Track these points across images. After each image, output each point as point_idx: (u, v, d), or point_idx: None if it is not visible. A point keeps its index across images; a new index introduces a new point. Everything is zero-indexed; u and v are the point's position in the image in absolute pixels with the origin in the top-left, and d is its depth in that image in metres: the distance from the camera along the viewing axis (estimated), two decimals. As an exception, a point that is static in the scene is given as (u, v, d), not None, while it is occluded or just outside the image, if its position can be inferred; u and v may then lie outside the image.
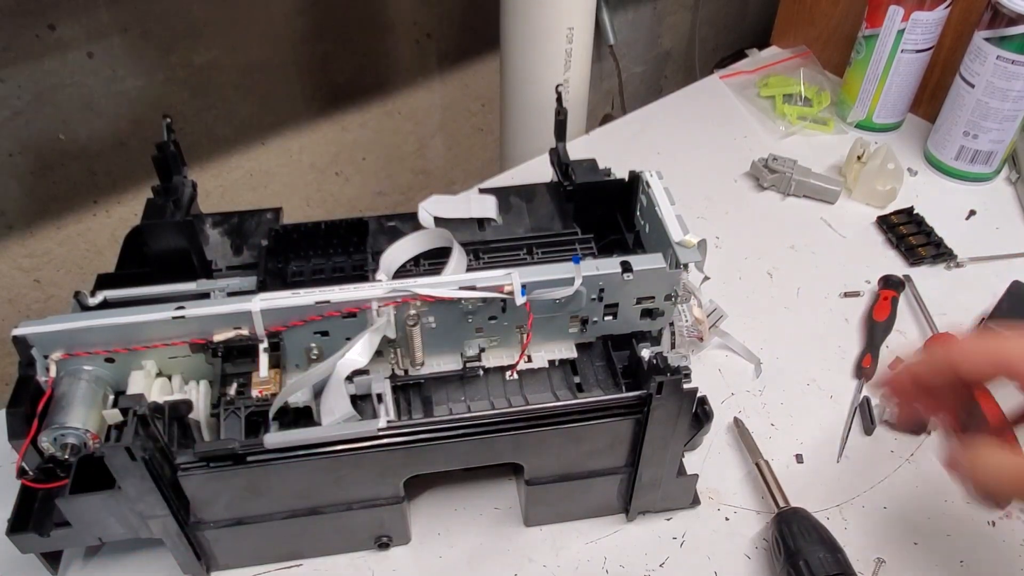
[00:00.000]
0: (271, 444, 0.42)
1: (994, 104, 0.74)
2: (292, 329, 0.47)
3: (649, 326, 0.52)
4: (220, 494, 0.44)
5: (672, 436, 0.46)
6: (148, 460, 0.40)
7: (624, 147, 0.85)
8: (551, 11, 0.80)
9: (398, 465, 0.45)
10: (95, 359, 0.46)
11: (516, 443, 0.46)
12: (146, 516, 0.43)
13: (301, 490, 0.45)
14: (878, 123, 0.86)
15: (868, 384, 0.60)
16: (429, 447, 0.44)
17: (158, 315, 0.45)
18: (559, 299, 0.49)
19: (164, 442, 0.42)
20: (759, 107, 0.90)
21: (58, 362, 0.45)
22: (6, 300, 0.76)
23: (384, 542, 0.49)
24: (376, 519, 0.48)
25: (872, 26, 0.81)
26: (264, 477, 0.43)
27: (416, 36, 0.96)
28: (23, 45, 0.66)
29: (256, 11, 0.79)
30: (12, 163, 0.70)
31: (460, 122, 1.10)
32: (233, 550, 0.48)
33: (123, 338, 0.46)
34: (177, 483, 0.43)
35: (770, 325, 0.65)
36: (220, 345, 0.47)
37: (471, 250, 0.57)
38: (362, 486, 0.46)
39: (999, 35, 0.71)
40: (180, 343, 0.47)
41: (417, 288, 0.47)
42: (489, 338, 0.51)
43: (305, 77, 0.86)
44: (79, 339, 0.45)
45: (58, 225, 0.76)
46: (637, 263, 0.49)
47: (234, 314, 0.46)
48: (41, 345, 0.45)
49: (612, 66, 1.20)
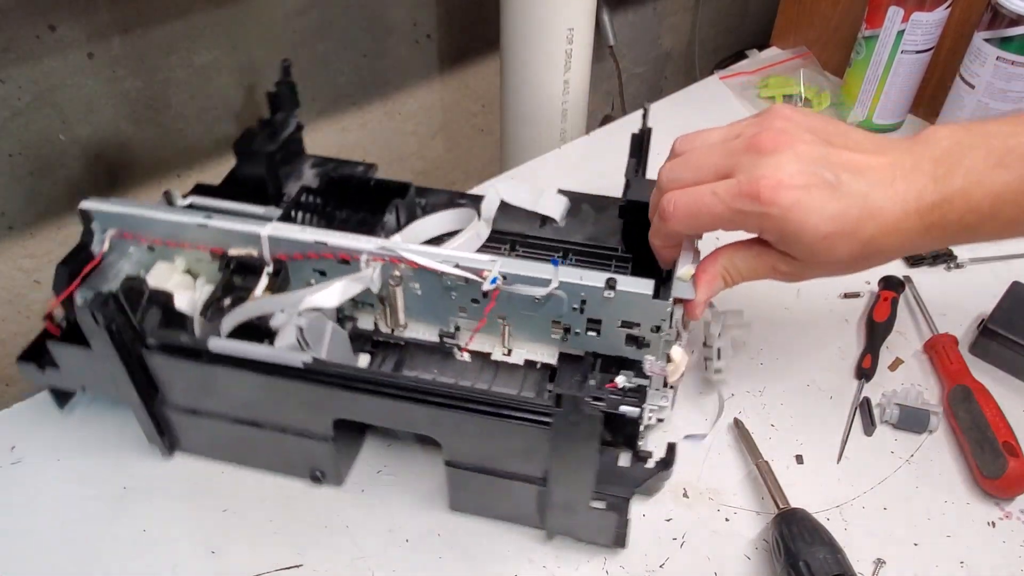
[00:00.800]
0: (213, 348, 0.47)
1: (994, 105, 0.74)
2: (294, 261, 0.52)
3: (635, 354, 0.51)
4: (177, 381, 0.50)
5: (581, 461, 0.44)
6: (113, 330, 0.46)
7: (624, 148, 0.85)
8: (551, 12, 0.80)
9: (324, 404, 0.48)
10: (140, 245, 0.54)
11: (432, 418, 0.46)
12: (116, 380, 0.49)
13: (244, 401, 0.50)
14: (878, 124, 0.86)
15: (868, 384, 0.60)
16: (350, 395, 0.46)
17: (188, 219, 0.52)
18: (537, 298, 0.48)
19: (135, 319, 0.48)
20: (759, 108, 0.90)
21: (111, 239, 0.54)
22: (6, 301, 0.76)
23: (317, 476, 0.52)
24: (310, 451, 0.51)
25: (872, 27, 0.81)
26: (212, 377, 0.48)
27: (416, 37, 0.96)
28: (23, 46, 0.66)
29: (256, 12, 0.79)
30: (12, 163, 0.70)
31: (460, 123, 1.10)
32: (191, 437, 0.54)
33: (161, 232, 0.53)
34: (143, 359, 0.48)
35: (770, 326, 0.65)
36: (233, 259, 0.53)
37: (512, 241, 0.58)
38: (295, 414, 0.50)
39: (999, 36, 0.71)
40: (203, 248, 0.53)
41: (402, 250, 0.49)
42: (471, 320, 0.52)
43: (305, 78, 0.86)
44: (128, 223, 0.53)
45: (59, 226, 0.76)
46: (624, 283, 0.48)
47: (247, 234, 0.52)
48: (100, 220, 0.54)
49: (612, 67, 1.20)
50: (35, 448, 0.55)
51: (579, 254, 0.58)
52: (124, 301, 0.47)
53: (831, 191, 0.42)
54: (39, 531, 0.50)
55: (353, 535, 0.50)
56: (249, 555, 0.49)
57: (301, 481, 0.53)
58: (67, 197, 0.75)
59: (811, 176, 0.42)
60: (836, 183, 0.42)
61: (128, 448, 0.55)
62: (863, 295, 0.68)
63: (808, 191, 0.42)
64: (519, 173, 0.81)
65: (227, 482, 0.53)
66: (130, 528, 0.51)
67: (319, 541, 0.50)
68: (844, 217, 0.42)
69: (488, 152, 1.16)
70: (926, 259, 0.70)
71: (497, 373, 0.53)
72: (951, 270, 0.70)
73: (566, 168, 0.83)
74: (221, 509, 0.52)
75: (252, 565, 0.49)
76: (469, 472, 0.48)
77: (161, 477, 0.53)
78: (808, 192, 0.42)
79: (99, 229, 0.54)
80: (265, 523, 0.51)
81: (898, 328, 0.64)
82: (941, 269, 0.70)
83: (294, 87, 0.62)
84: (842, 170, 0.42)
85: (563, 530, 0.50)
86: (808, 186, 0.42)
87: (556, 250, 0.58)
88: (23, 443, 0.55)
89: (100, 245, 0.53)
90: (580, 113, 0.92)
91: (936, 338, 0.62)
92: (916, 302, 0.66)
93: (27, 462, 0.54)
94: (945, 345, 0.61)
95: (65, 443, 0.55)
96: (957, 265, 0.70)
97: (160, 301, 0.51)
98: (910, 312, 0.66)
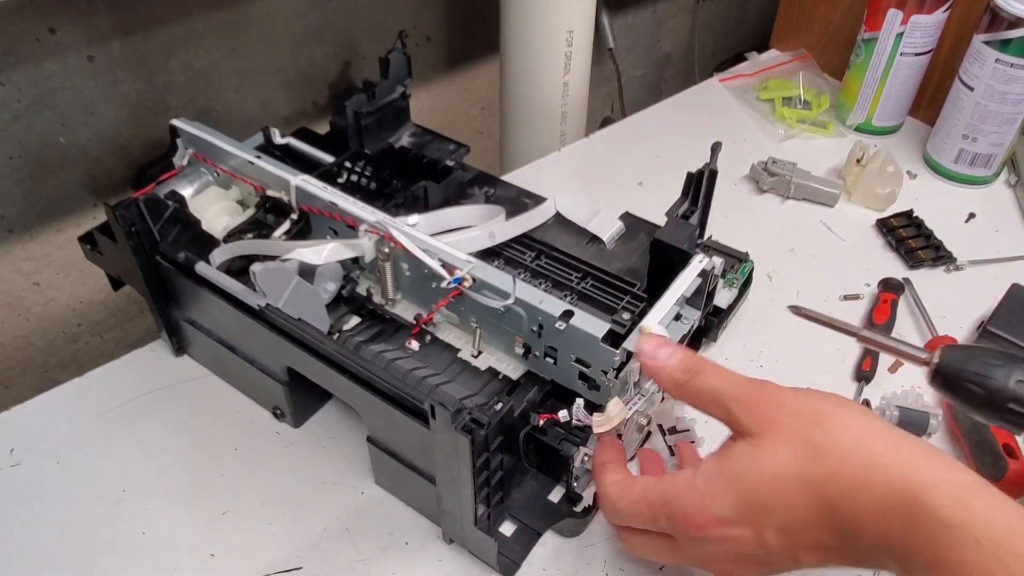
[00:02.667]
0: (198, 270, 0.53)
1: (993, 107, 0.74)
2: (315, 215, 0.56)
3: (587, 394, 0.49)
4: (179, 291, 0.57)
5: (458, 475, 0.43)
6: (133, 232, 0.53)
7: (623, 150, 0.85)
8: (551, 15, 0.81)
9: (276, 349, 0.51)
10: (211, 168, 0.61)
11: (349, 389, 0.47)
12: (135, 276, 0.56)
13: (223, 325, 0.55)
14: (877, 126, 0.86)
15: (868, 387, 0.60)
16: (292, 348, 0.49)
17: (243, 155, 0.58)
18: (498, 308, 0.48)
19: (154, 228, 0.54)
20: (758, 110, 0.91)
21: (190, 156, 0.61)
22: (6, 304, 0.76)
23: (277, 413, 0.56)
24: (270, 389, 0.55)
25: (871, 29, 0.81)
26: (201, 296, 0.54)
27: (416, 39, 0.96)
28: (23, 49, 0.66)
29: (256, 15, 0.79)
30: (12, 166, 0.70)
31: (460, 125, 1.10)
32: (194, 344, 0.60)
33: (224, 162, 0.60)
34: (157, 265, 0.55)
35: (770, 328, 0.65)
36: (269, 200, 0.58)
37: (540, 251, 0.58)
38: (256, 351, 0.54)
39: (998, 38, 0.71)
40: (250, 183, 0.59)
41: (391, 226, 0.51)
42: (448, 312, 0.53)
43: (305, 81, 0.86)
44: (202, 147, 0.60)
45: (58, 228, 0.76)
46: (579, 320, 0.46)
47: (282, 180, 0.56)
48: (183, 138, 0.61)
49: (612, 69, 1.20)
50: (34, 451, 0.55)
51: (598, 281, 0.55)
52: (144, 210, 0.54)
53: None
54: (38, 533, 0.50)
55: (352, 538, 0.50)
56: (248, 558, 0.49)
57: (300, 485, 0.53)
58: (67, 200, 0.75)
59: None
60: None
61: (127, 451, 0.55)
62: (863, 297, 0.68)
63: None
64: (519, 176, 0.81)
65: (226, 484, 0.53)
66: (129, 531, 0.51)
67: (318, 544, 0.50)
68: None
69: (488, 155, 1.16)
70: (926, 261, 0.70)
71: (462, 372, 0.52)
72: (951, 272, 0.70)
73: (565, 171, 0.83)
74: (220, 512, 0.52)
75: (251, 568, 0.49)
76: (384, 453, 0.49)
77: (160, 480, 0.53)
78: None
79: (182, 146, 0.61)
80: (264, 526, 0.51)
81: (897, 330, 0.64)
82: (941, 271, 0.71)
83: (406, 57, 0.65)
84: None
85: (456, 537, 0.49)
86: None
87: (577, 271, 0.56)
88: (22, 446, 0.55)
89: (181, 159, 0.61)
90: (580, 116, 0.92)
91: (935, 340, 0.62)
92: (916, 304, 0.66)
93: (26, 465, 0.54)
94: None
95: (64, 446, 0.55)
96: (957, 267, 0.70)
97: (182, 219, 0.56)
98: (910, 314, 0.66)
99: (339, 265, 0.55)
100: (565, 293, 0.54)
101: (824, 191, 0.77)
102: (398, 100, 0.66)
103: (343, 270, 0.57)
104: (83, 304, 0.81)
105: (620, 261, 0.58)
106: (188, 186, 0.60)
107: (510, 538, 0.50)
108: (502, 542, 0.49)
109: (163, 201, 0.55)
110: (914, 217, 0.75)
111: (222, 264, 0.55)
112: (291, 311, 0.50)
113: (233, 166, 0.59)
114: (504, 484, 0.49)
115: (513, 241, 0.59)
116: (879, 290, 0.67)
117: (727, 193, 0.79)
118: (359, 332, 0.55)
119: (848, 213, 0.77)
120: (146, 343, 0.62)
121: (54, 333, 0.80)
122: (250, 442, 0.56)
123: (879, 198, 0.76)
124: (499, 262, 0.57)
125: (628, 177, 0.80)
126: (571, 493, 0.51)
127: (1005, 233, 0.75)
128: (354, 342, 0.53)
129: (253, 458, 0.55)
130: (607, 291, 0.54)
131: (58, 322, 0.80)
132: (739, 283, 0.62)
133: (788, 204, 0.78)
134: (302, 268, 0.53)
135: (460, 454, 0.42)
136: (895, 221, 0.75)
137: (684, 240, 0.51)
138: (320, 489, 0.53)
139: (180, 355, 0.61)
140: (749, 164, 0.80)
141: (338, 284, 0.57)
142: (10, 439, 0.55)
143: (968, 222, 0.76)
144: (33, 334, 0.79)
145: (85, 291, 0.80)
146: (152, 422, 0.57)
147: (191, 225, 0.57)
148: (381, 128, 0.66)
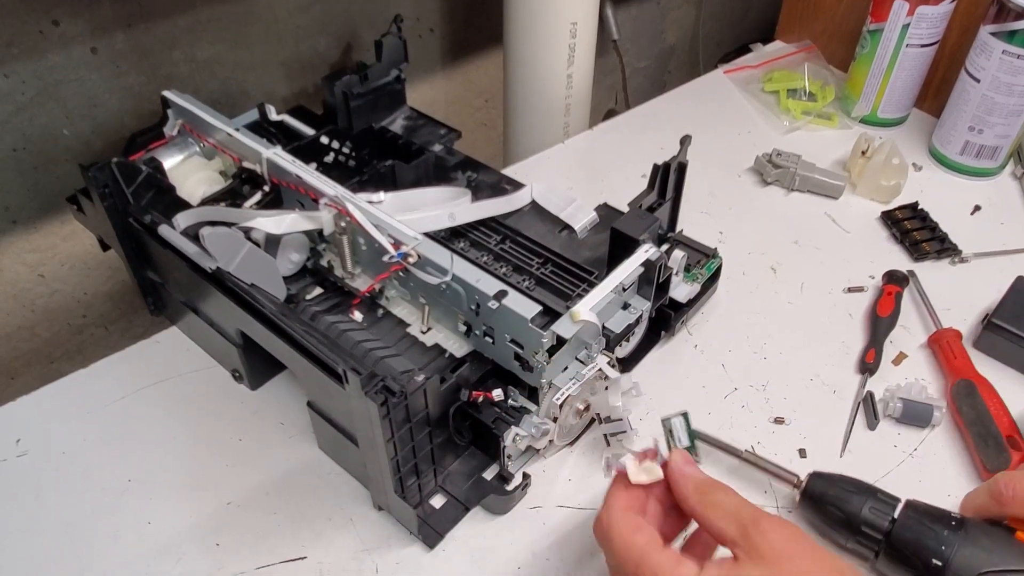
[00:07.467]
0: (160, 231, 0.54)
1: (999, 99, 0.74)
2: (285, 188, 0.58)
3: (522, 375, 0.50)
4: (150, 253, 0.58)
5: (375, 442, 0.44)
6: (107, 193, 0.55)
7: (627, 142, 0.85)
8: (554, 6, 0.80)
9: (227, 312, 0.52)
10: (197, 139, 0.64)
11: (290, 356, 0.48)
12: (110, 235, 0.58)
13: (186, 287, 0.57)
14: (883, 118, 0.86)
15: (872, 379, 0.60)
16: (240, 311, 0.50)
17: (224, 127, 0.60)
18: (438, 285, 0.49)
19: (126, 189, 0.56)
20: (763, 102, 0.90)
21: (179, 127, 0.64)
22: (10, 296, 0.76)
23: (236, 376, 0.58)
24: (228, 351, 0.56)
25: (877, 20, 0.80)
26: (166, 257, 0.55)
27: (419, 31, 0.95)
28: (26, 41, 0.66)
29: (259, 6, 0.79)
30: (16, 158, 0.70)
31: (463, 117, 1.09)
32: (168, 305, 0.62)
33: (209, 134, 0.62)
34: (129, 226, 0.57)
35: (774, 320, 0.65)
36: (245, 171, 0.60)
37: (505, 235, 0.58)
38: (213, 312, 0.56)
39: (1005, 29, 0.71)
40: (229, 155, 0.61)
41: (347, 200, 0.53)
42: (400, 287, 0.55)
43: (308, 72, 0.86)
44: (189, 119, 0.63)
45: (62, 220, 0.76)
46: (512, 300, 0.47)
47: (254, 151, 0.58)
48: (173, 109, 0.64)
49: (615, 61, 1.19)
50: (40, 441, 0.55)
51: (558, 268, 0.55)
52: (117, 172, 0.56)
53: None
54: (44, 523, 0.51)
55: (357, 528, 0.50)
56: (253, 547, 0.49)
57: (305, 474, 0.53)
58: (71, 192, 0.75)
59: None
60: None
61: (132, 441, 0.55)
62: (867, 289, 0.68)
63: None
64: (522, 168, 0.81)
65: (231, 475, 0.53)
66: (135, 521, 0.51)
67: (323, 534, 0.50)
68: None
69: (492, 147, 1.16)
70: (931, 253, 0.70)
71: (410, 348, 0.53)
72: (955, 264, 0.70)
73: (569, 163, 0.83)
74: (225, 502, 0.52)
75: (256, 557, 0.49)
76: (321, 418, 0.50)
77: (165, 470, 0.54)
78: None
79: (172, 116, 0.64)
80: (269, 516, 0.51)
81: (902, 322, 0.64)
82: (945, 263, 0.70)
83: (401, 41, 0.66)
84: None
85: (384, 506, 0.50)
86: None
87: (540, 256, 0.56)
88: (28, 436, 0.55)
89: (171, 130, 0.63)
90: (583, 107, 0.92)
91: (940, 332, 0.62)
92: (920, 296, 0.66)
93: (32, 455, 0.54)
94: (949, 340, 0.61)
95: (69, 436, 0.55)
96: (961, 259, 0.70)
97: (156, 183, 0.58)
98: (914, 306, 0.66)
99: (305, 237, 0.57)
100: (524, 277, 0.55)
101: (829, 183, 0.77)
102: (392, 83, 0.67)
103: (310, 242, 0.58)
104: (88, 296, 0.81)
105: (590, 251, 0.59)
106: (177, 155, 0.63)
107: (438, 510, 0.50)
108: (429, 513, 0.50)
109: (136, 165, 0.57)
110: (919, 209, 0.75)
111: (189, 228, 0.55)
112: (244, 276, 0.51)
113: (218, 139, 0.61)
114: (436, 458, 0.50)
115: (481, 224, 0.59)
116: (883, 282, 0.67)
117: (731, 185, 0.79)
118: (319, 302, 0.56)
119: (853, 205, 0.77)
120: (151, 335, 0.62)
121: (59, 324, 0.80)
122: (254, 432, 0.56)
123: (884, 190, 0.76)
124: (464, 243, 0.58)
125: (632, 169, 0.80)
126: (503, 472, 0.51)
127: (1010, 225, 0.75)
128: (311, 311, 0.54)
129: (257, 448, 0.55)
130: (565, 278, 0.55)
131: (63, 313, 0.80)
132: (703, 279, 0.62)
133: (793, 196, 0.78)
134: (268, 238, 0.55)
135: (373, 420, 0.42)
136: (900, 213, 0.75)
137: (640, 230, 0.51)
138: (325, 478, 0.53)
139: (157, 315, 0.64)
140: (754, 156, 0.80)
141: (303, 256, 0.58)
142: (16, 430, 0.56)
143: (973, 214, 0.76)
144: (38, 325, 0.79)
145: (90, 283, 0.80)
146: (157, 413, 0.57)
147: (165, 191, 0.58)
148: (374, 110, 0.67)
